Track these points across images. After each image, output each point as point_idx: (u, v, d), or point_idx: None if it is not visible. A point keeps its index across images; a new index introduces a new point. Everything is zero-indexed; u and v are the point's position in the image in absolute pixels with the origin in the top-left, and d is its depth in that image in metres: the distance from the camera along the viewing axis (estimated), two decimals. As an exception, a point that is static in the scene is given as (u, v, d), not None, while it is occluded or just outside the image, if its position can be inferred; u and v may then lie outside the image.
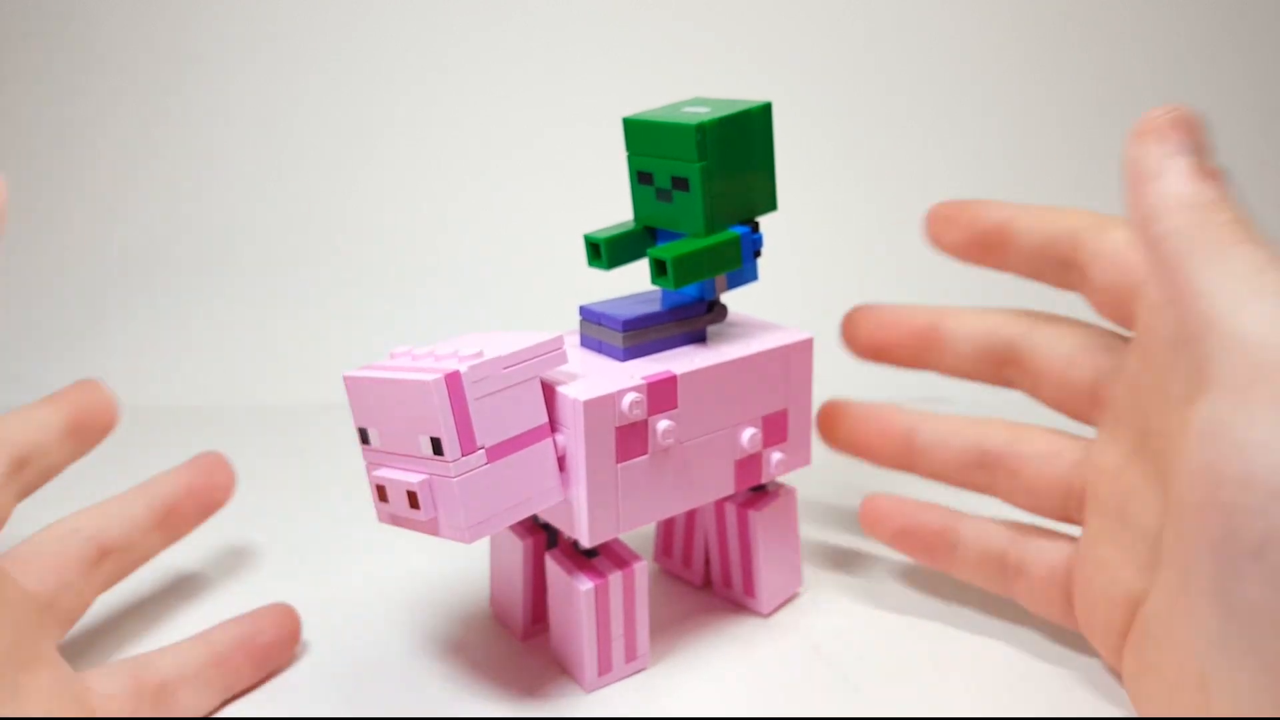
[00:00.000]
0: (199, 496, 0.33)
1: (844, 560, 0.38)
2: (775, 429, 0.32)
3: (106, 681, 0.27)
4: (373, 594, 0.36)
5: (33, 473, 0.29)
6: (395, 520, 0.27)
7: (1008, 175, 0.64)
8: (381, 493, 0.26)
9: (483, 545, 0.38)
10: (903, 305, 0.35)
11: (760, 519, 0.33)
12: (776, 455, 0.32)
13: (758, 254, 0.31)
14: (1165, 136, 0.25)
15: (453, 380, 0.24)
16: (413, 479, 0.25)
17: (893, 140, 0.65)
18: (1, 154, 0.64)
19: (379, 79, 0.65)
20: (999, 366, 0.33)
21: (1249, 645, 0.21)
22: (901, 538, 0.34)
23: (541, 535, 0.32)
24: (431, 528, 0.26)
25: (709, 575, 0.36)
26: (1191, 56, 0.65)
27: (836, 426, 0.36)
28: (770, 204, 0.31)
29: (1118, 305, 0.29)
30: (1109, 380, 0.30)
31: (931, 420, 0.34)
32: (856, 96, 0.65)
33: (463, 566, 0.37)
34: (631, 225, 0.32)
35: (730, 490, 0.31)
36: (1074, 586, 0.30)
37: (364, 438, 0.27)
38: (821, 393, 0.35)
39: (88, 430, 0.31)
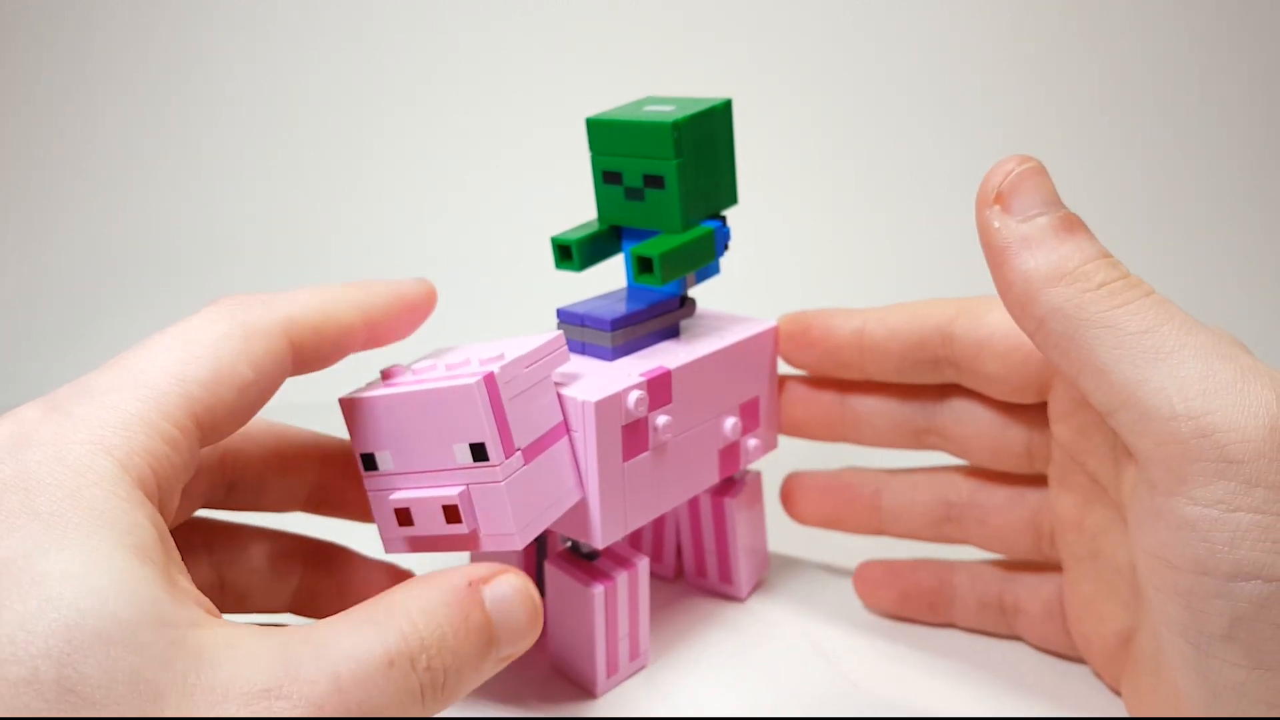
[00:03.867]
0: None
1: (820, 546, 0.39)
2: (750, 416, 0.33)
3: None
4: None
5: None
6: (415, 545, 0.26)
7: (970, 167, 0.66)
8: (402, 516, 0.25)
9: (464, 560, 0.36)
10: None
11: (736, 506, 0.33)
12: (753, 441, 0.33)
13: (725, 247, 0.32)
14: (1013, 199, 0.23)
15: (489, 382, 0.23)
16: (450, 492, 0.24)
17: (841, 130, 0.66)
18: (2, 153, 0.64)
19: (355, 89, 0.66)
20: (920, 435, 0.32)
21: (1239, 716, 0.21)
22: (902, 603, 0.33)
23: (533, 544, 0.31)
24: (470, 542, 0.25)
25: (680, 567, 0.36)
26: (1169, 55, 0.68)
27: (802, 502, 0.35)
28: (732, 198, 0.32)
29: (1021, 387, 0.28)
30: (1039, 443, 0.30)
31: (893, 482, 0.33)
32: (798, 89, 0.66)
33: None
34: (596, 226, 0.32)
35: (715, 480, 0.32)
36: (1068, 622, 0.30)
37: (368, 464, 0.26)
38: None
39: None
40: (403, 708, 0.19)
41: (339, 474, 0.29)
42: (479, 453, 0.24)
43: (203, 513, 0.28)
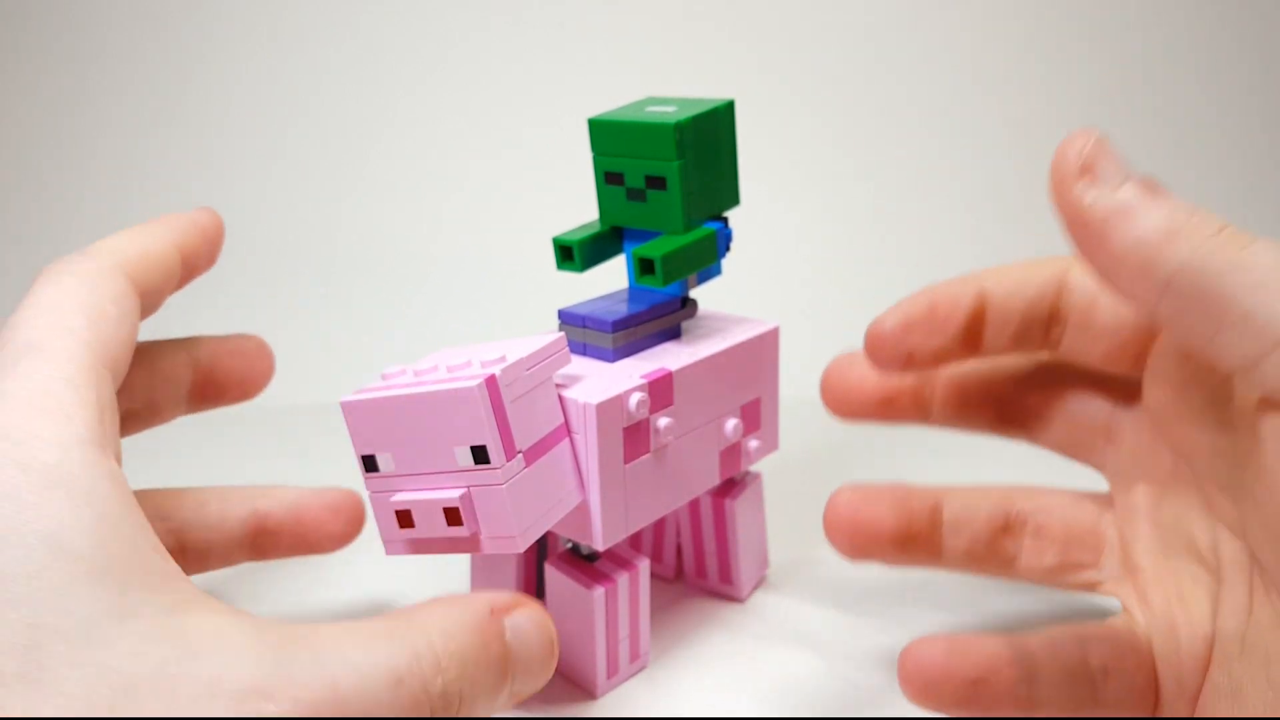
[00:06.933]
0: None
1: (820, 546, 0.39)
2: (752, 417, 0.33)
3: None
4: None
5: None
6: (416, 547, 0.26)
7: (972, 167, 0.66)
8: (403, 519, 0.25)
9: (460, 565, 0.36)
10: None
11: (736, 507, 0.33)
12: (754, 443, 0.33)
13: (727, 248, 0.32)
14: (1098, 171, 0.22)
15: (491, 385, 0.23)
16: (451, 494, 0.24)
17: (844, 131, 0.67)
18: (3, 153, 0.65)
19: (356, 89, 0.66)
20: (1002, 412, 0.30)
21: None
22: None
23: (533, 545, 0.31)
24: (471, 544, 0.25)
25: (680, 567, 0.36)
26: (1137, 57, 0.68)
27: (851, 518, 0.29)
28: (734, 199, 0.32)
29: (1125, 344, 0.26)
30: (1119, 420, 0.28)
31: (954, 492, 0.29)
32: (800, 90, 0.66)
33: (425, 588, 0.36)
34: (598, 226, 0.32)
35: (716, 481, 0.32)
36: (1152, 644, 0.26)
37: (369, 466, 0.26)
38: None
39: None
40: None
41: (208, 364, 0.30)
42: (480, 455, 0.24)
43: (145, 480, 0.28)
